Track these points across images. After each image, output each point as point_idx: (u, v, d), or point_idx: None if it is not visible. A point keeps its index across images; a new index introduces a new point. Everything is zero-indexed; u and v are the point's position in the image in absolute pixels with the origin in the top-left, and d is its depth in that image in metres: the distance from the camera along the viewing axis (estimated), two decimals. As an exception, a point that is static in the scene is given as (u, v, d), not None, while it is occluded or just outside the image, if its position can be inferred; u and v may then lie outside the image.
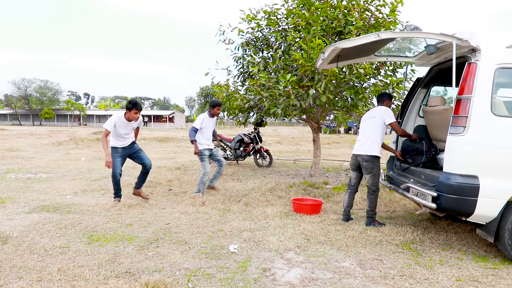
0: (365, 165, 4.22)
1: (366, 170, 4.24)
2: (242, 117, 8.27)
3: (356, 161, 4.34)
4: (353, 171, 4.46)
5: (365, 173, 4.27)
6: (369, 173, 4.22)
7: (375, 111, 4.31)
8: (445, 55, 4.05)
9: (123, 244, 3.51)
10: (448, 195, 3.19)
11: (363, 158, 4.22)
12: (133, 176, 7.38)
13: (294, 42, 6.68)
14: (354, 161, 4.38)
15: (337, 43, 3.76)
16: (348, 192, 4.50)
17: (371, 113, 4.35)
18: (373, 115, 4.28)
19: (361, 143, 4.30)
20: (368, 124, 4.31)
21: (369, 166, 4.21)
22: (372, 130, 4.25)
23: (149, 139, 20.16)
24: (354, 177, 4.47)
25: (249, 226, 4.16)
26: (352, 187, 4.50)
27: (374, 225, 4.20)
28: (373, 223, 4.24)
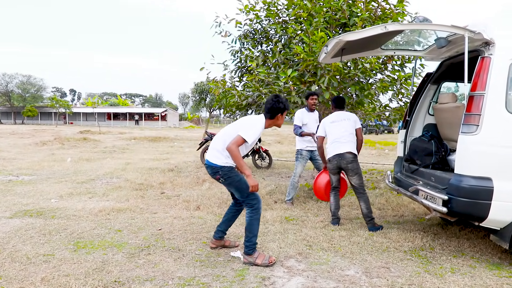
0: (350, 166, 4.36)
1: (353, 171, 4.37)
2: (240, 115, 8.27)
3: (338, 163, 4.43)
4: (334, 174, 4.58)
5: (351, 174, 4.38)
6: (356, 173, 4.37)
7: (345, 114, 4.53)
8: (456, 48, 4.05)
9: (112, 252, 3.49)
10: (459, 199, 3.19)
11: (347, 160, 4.35)
12: (122, 179, 7.37)
13: (295, 35, 6.69)
14: (335, 164, 4.44)
15: (341, 35, 3.75)
16: (333, 194, 4.63)
17: (341, 116, 4.52)
18: (345, 118, 4.49)
19: (340, 143, 4.41)
20: (343, 126, 4.45)
21: (354, 167, 4.36)
22: (350, 130, 4.44)
23: (140, 138, 20.13)
24: (336, 179, 4.61)
25: (247, 232, 4.15)
26: (336, 189, 4.65)
27: (377, 229, 4.28)
28: (375, 226, 4.33)
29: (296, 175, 5.54)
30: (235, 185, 3.32)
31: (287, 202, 5.51)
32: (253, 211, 3.28)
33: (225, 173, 3.30)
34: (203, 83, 23.62)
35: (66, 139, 17.28)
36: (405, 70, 6.92)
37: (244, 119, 3.39)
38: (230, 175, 3.30)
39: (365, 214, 4.37)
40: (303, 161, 5.57)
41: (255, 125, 3.25)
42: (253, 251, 3.27)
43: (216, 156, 3.32)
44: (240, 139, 3.15)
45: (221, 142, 3.33)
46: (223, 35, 7.77)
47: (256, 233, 3.30)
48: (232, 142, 3.13)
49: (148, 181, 7.16)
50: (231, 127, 3.38)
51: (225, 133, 3.36)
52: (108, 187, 6.58)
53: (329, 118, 4.62)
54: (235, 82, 8.02)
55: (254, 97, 7.06)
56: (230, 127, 3.40)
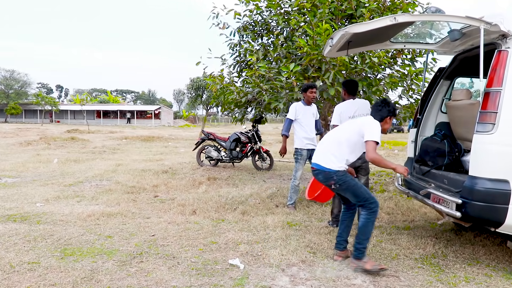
0: (364, 166, 4.52)
1: (365, 170, 4.55)
2: (239, 113, 8.27)
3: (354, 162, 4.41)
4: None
5: (363, 174, 4.53)
6: (367, 173, 4.55)
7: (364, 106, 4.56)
8: (471, 41, 4.05)
9: (102, 259, 3.49)
10: (474, 202, 3.19)
11: (363, 159, 4.41)
12: (113, 181, 7.37)
13: (298, 27, 6.68)
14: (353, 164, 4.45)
15: (348, 27, 3.75)
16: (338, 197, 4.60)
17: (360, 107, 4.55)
18: (366, 112, 4.51)
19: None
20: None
21: (367, 166, 4.55)
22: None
23: (131, 138, 20.14)
24: None
25: (246, 238, 4.15)
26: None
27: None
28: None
29: (297, 177, 5.55)
30: (352, 190, 3.35)
31: (289, 207, 5.51)
32: (371, 214, 3.31)
33: (340, 177, 3.33)
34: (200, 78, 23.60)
35: (52, 138, 17.28)
36: (416, 65, 6.92)
37: (356, 122, 3.47)
38: (346, 179, 3.34)
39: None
40: (303, 162, 5.58)
41: (374, 125, 3.32)
42: (363, 255, 3.31)
43: (330, 160, 3.35)
44: (374, 144, 3.20)
45: (335, 144, 3.39)
46: (221, 27, 7.77)
47: (370, 236, 3.35)
48: (371, 151, 3.17)
49: (140, 183, 7.16)
50: (342, 130, 3.46)
51: (337, 135, 3.45)
52: (98, 190, 6.58)
53: (348, 108, 4.57)
54: (233, 78, 8.03)
55: (254, 94, 7.06)
56: (341, 130, 3.49)
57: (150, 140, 19.44)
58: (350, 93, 4.62)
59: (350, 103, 4.62)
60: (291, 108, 5.57)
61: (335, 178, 3.32)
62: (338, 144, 3.36)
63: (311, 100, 5.54)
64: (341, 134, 3.44)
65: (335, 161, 3.34)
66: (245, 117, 8.53)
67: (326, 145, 3.46)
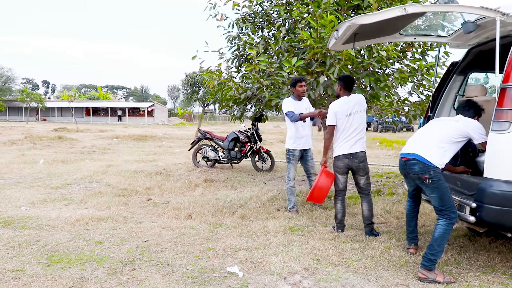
0: (362, 166, 4.58)
1: (364, 171, 4.59)
2: (237, 110, 8.27)
3: (349, 163, 4.57)
4: (342, 174, 4.68)
5: (361, 174, 4.59)
6: (366, 173, 4.61)
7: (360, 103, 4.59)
8: (486, 34, 4.04)
9: (91, 267, 3.49)
10: (490, 206, 3.18)
11: (359, 159, 4.54)
12: (103, 184, 7.37)
13: (301, 19, 6.68)
14: (346, 162, 4.58)
15: (354, 18, 3.75)
16: (340, 200, 4.73)
17: (356, 105, 4.56)
18: (361, 108, 4.58)
19: (354, 140, 4.54)
20: (358, 120, 4.56)
21: (366, 166, 4.61)
22: (364, 124, 4.62)
23: (123, 137, 20.15)
24: (344, 180, 4.73)
25: (246, 244, 4.15)
26: (343, 192, 4.75)
27: (374, 235, 4.49)
28: (373, 232, 4.54)
29: (291, 178, 5.58)
30: (441, 192, 3.38)
31: (291, 211, 5.51)
32: (449, 224, 3.34)
33: (436, 174, 3.38)
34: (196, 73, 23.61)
35: (38, 137, 17.28)
36: (427, 59, 6.91)
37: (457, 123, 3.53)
38: (440, 178, 3.39)
39: (366, 216, 4.57)
40: (295, 163, 5.60)
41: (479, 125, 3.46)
42: (434, 266, 3.33)
43: (431, 152, 3.42)
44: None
45: (442, 137, 3.46)
46: (219, 18, 7.77)
47: (444, 248, 3.37)
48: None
49: (132, 186, 7.16)
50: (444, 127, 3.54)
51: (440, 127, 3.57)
52: (87, 193, 6.58)
53: (343, 106, 4.58)
54: (232, 73, 8.03)
55: (253, 90, 7.06)
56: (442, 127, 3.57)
57: (143, 140, 19.46)
58: (347, 89, 4.64)
59: (344, 100, 4.62)
60: (285, 102, 5.52)
61: (432, 173, 3.38)
62: (440, 138, 3.46)
63: (301, 94, 5.54)
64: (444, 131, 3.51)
65: (437, 156, 3.41)
66: (244, 115, 8.52)
67: (429, 136, 3.56)
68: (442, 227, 3.33)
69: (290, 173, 5.57)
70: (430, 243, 3.37)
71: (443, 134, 3.48)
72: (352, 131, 4.52)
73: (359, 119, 4.55)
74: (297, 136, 5.52)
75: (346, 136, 4.54)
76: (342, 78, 4.68)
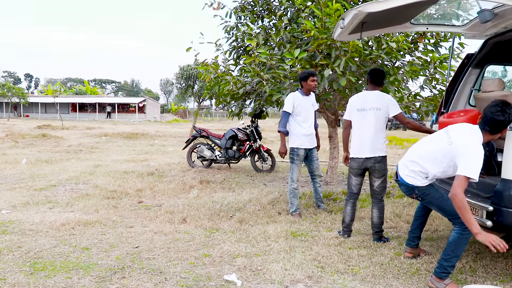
0: (378, 166, 4.53)
1: (380, 172, 4.54)
2: (236, 106, 8.26)
3: (364, 164, 4.55)
4: (357, 176, 4.67)
5: (377, 176, 4.55)
6: (382, 176, 4.56)
7: (378, 99, 4.49)
8: (504, 23, 4.04)
9: (78, 275, 3.48)
10: (508, 210, 3.19)
11: (376, 159, 4.51)
12: (90, 185, 7.36)
13: (304, 7, 6.67)
14: (361, 163, 4.56)
15: (361, 6, 3.74)
16: (351, 203, 4.74)
17: (372, 101, 4.49)
18: (377, 106, 4.47)
19: (368, 143, 4.48)
20: (371, 119, 4.48)
21: (382, 168, 4.54)
22: (381, 125, 4.52)
23: (112, 135, 20.14)
24: (358, 183, 4.71)
25: (244, 250, 4.15)
26: (355, 196, 4.75)
27: (383, 241, 4.51)
28: (382, 238, 4.56)
29: (294, 180, 5.57)
30: (436, 204, 3.53)
31: (293, 215, 5.51)
32: (466, 230, 3.23)
33: (422, 191, 3.52)
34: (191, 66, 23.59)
35: (20, 135, 17.26)
36: (440, 51, 6.91)
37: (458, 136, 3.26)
38: (429, 193, 3.51)
39: (376, 224, 4.57)
40: (299, 163, 5.59)
41: (476, 157, 3.04)
42: (447, 275, 3.32)
43: (412, 177, 3.53)
44: (465, 181, 3.02)
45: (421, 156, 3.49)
46: (215, 7, 7.76)
47: (460, 255, 3.35)
48: (456, 187, 3.01)
49: (122, 187, 7.15)
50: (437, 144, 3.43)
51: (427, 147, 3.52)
52: (73, 195, 6.58)
53: (357, 100, 4.59)
54: (229, 66, 8.02)
55: (253, 84, 7.05)
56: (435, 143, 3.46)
57: (134, 138, 19.44)
58: (373, 82, 4.56)
59: (363, 94, 4.62)
60: (288, 99, 5.51)
61: (417, 192, 3.53)
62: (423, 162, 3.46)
63: (313, 89, 5.53)
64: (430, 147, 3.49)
65: (419, 179, 3.49)
66: (243, 111, 8.51)
67: (413, 159, 3.57)
68: (456, 233, 3.33)
69: (294, 174, 5.56)
70: (445, 248, 3.37)
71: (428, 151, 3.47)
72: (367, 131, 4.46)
73: (372, 117, 4.44)
74: (303, 134, 5.51)
75: (361, 136, 4.50)
76: (370, 71, 4.63)
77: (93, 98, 55.73)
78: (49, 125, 25.63)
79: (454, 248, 3.30)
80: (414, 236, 4.02)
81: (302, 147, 5.53)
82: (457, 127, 3.41)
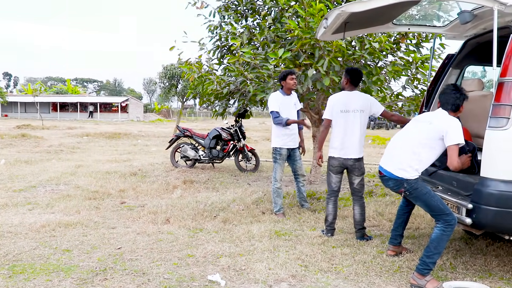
0: (357, 165, 4.61)
1: (360, 170, 4.63)
2: (219, 105, 8.24)
3: (344, 162, 4.61)
4: (337, 174, 4.73)
5: (357, 174, 4.62)
6: (362, 173, 4.65)
7: (358, 100, 4.55)
8: (484, 25, 4.11)
9: (58, 277, 3.44)
10: (487, 207, 3.23)
11: (356, 159, 4.58)
12: (71, 186, 7.27)
13: (288, 7, 6.70)
14: (341, 161, 4.63)
15: (344, 6, 3.77)
16: (332, 201, 4.79)
17: (354, 102, 4.55)
18: (359, 107, 4.53)
19: (348, 144, 4.55)
20: (354, 121, 4.54)
21: (361, 166, 4.64)
22: (362, 127, 4.57)
23: (94, 135, 19.88)
24: (338, 180, 4.78)
25: (228, 250, 4.15)
26: (336, 193, 4.80)
27: (366, 239, 4.56)
28: (364, 236, 4.62)
29: (277, 179, 5.60)
30: (423, 199, 3.51)
31: (277, 214, 5.53)
32: (447, 227, 3.36)
33: (411, 185, 3.51)
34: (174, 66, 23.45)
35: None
36: (422, 51, 7.01)
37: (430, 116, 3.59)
38: (417, 187, 3.51)
39: (358, 221, 4.63)
40: (282, 162, 5.62)
41: (457, 126, 3.38)
42: (428, 271, 3.35)
43: (401, 169, 3.53)
44: (456, 149, 3.32)
45: (408, 151, 3.53)
46: (199, 6, 7.73)
47: (441, 251, 3.40)
48: (453, 159, 3.31)
49: (104, 188, 7.08)
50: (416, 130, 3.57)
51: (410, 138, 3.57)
52: (54, 196, 6.48)
53: (339, 100, 4.63)
54: (213, 65, 8.00)
55: (237, 84, 7.05)
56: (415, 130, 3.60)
57: (116, 137, 19.25)
58: (353, 83, 4.62)
59: (344, 95, 4.65)
60: (270, 99, 5.54)
61: (406, 186, 3.53)
62: (412, 151, 3.49)
63: (292, 87, 5.55)
64: (411, 136, 3.55)
65: (409, 170, 3.50)
66: (227, 111, 8.50)
67: (398, 150, 3.63)
68: (439, 230, 3.39)
69: (277, 173, 5.58)
70: (427, 244, 3.43)
71: (415, 141, 3.52)
72: (349, 132, 4.52)
73: (357, 119, 4.50)
74: (284, 134, 5.53)
75: (342, 137, 4.55)
76: (348, 71, 4.68)
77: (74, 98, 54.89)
78: (29, 125, 25.17)
79: (437, 244, 3.36)
80: (396, 234, 4.08)
81: (284, 147, 5.55)
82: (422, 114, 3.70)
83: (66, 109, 53.67)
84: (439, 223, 3.41)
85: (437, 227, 3.41)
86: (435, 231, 3.40)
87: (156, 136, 20.94)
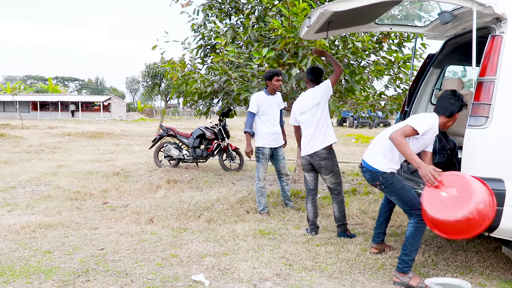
0: (324, 164, 4.60)
1: (326, 169, 4.62)
2: (203, 105, 8.21)
3: (310, 160, 4.67)
4: (308, 172, 4.79)
5: (324, 173, 4.65)
6: (331, 172, 4.63)
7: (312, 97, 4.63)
8: (463, 25, 4.19)
9: (39, 279, 3.39)
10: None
11: (320, 157, 4.58)
12: (52, 186, 7.16)
13: (271, 6, 6.70)
14: (307, 159, 4.70)
15: (327, 5, 3.79)
16: (311, 200, 4.83)
17: (308, 100, 4.65)
18: (313, 103, 4.60)
19: (312, 139, 4.63)
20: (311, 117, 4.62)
21: (328, 165, 4.61)
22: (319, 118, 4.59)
23: (76, 134, 19.61)
24: (312, 179, 4.83)
25: (212, 250, 4.15)
26: (313, 192, 4.85)
27: (348, 236, 4.59)
28: (346, 233, 4.63)
29: (260, 178, 5.62)
30: (398, 194, 3.57)
31: (261, 213, 5.54)
32: (420, 222, 3.40)
33: (386, 179, 3.57)
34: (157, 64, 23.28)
35: (-23, 135, 16.55)
36: (404, 51, 7.10)
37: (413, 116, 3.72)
38: (392, 182, 3.57)
39: (338, 217, 4.67)
40: (265, 161, 5.66)
41: (426, 117, 3.49)
42: (409, 269, 3.38)
43: (378, 160, 3.61)
44: (409, 129, 3.34)
45: (385, 142, 3.59)
46: (183, 4, 7.68)
47: (418, 248, 3.44)
48: (398, 132, 3.34)
49: (86, 188, 7.00)
50: (396, 126, 3.65)
51: (388, 132, 3.60)
52: (34, 197, 6.38)
53: (296, 104, 4.78)
54: (197, 64, 7.96)
55: (221, 83, 7.03)
56: (395, 126, 3.68)
57: (99, 137, 19.03)
58: (313, 81, 4.75)
59: (301, 97, 4.79)
60: (253, 99, 5.57)
61: (381, 179, 3.59)
62: (388, 142, 3.51)
63: (277, 89, 5.61)
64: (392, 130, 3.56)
65: (384, 161, 3.58)
66: (211, 110, 8.47)
67: (377, 142, 3.71)
68: (412, 226, 3.46)
69: (260, 173, 5.60)
70: (403, 243, 3.48)
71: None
72: (310, 129, 4.62)
73: (314, 115, 4.59)
74: (267, 133, 5.55)
75: (306, 135, 4.67)
76: (307, 70, 4.81)
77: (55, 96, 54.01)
78: (8, 125, 24.69)
79: (412, 241, 3.42)
80: (379, 232, 4.14)
81: (267, 146, 5.58)
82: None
83: (47, 108, 52.75)
84: (412, 219, 3.48)
85: (410, 224, 3.48)
86: (409, 228, 3.47)
87: (139, 136, 20.78)
